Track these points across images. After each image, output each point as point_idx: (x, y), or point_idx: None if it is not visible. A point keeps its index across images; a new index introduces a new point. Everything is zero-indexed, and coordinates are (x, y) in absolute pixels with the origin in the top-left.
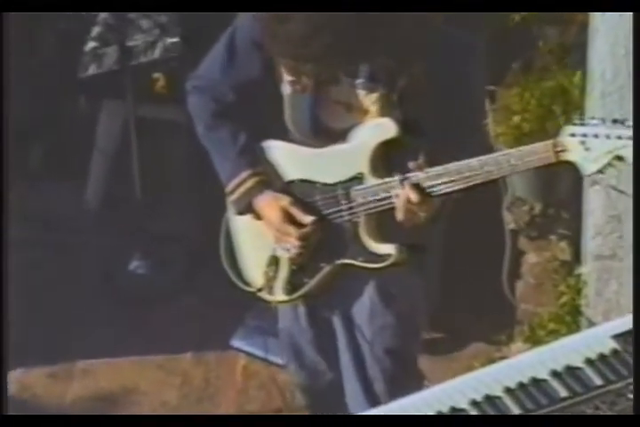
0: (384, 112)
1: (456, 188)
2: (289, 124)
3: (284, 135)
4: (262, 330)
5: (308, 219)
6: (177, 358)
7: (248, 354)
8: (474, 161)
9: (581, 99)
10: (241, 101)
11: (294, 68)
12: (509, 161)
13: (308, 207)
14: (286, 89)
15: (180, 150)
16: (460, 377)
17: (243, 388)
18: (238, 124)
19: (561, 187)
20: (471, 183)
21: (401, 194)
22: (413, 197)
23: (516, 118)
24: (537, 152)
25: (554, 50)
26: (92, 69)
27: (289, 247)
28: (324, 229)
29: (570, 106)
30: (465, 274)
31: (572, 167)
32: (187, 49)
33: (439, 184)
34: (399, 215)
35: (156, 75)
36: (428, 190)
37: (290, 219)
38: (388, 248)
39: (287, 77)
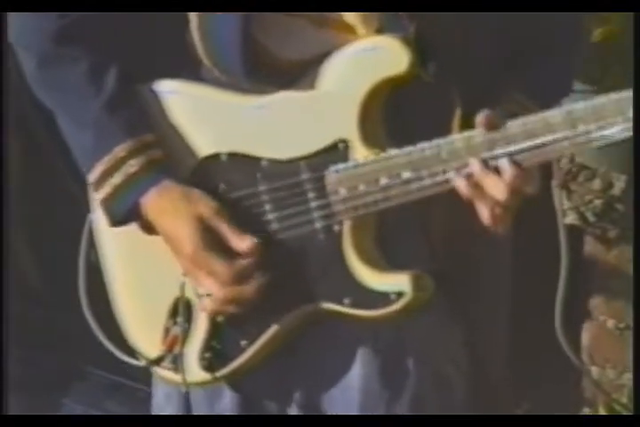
0: (384, 26)
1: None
2: (201, 54)
3: (190, 72)
4: None
5: (246, 242)
6: None
7: None
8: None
9: None
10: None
11: None
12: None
13: (247, 215)
14: None
15: None
16: None
17: None
18: (105, 54)
19: None
20: (564, 151)
21: (477, 173)
22: (508, 169)
23: None
24: None
25: None
26: None
27: (211, 297)
28: (276, 249)
29: None
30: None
31: None
32: None
33: (523, 151)
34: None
35: None
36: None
37: (214, 242)
38: (396, 280)
39: None
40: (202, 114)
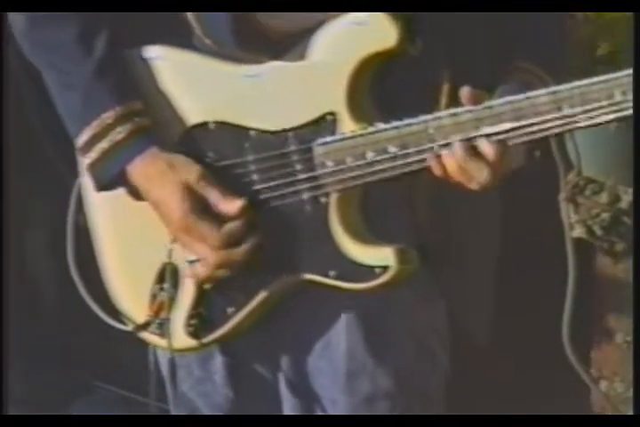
0: None
1: (533, 136)
2: (192, 23)
3: (181, 40)
4: None
5: (234, 205)
6: None
7: None
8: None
9: None
10: None
11: None
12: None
13: (235, 185)
14: None
15: None
16: None
17: None
18: (96, 18)
19: None
20: (549, 132)
21: (456, 147)
22: (490, 151)
23: None
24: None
25: None
26: None
27: (198, 263)
28: (263, 220)
29: None
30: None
31: None
32: None
33: (511, 130)
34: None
35: None
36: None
37: (202, 207)
38: (381, 253)
39: None
40: (192, 82)
